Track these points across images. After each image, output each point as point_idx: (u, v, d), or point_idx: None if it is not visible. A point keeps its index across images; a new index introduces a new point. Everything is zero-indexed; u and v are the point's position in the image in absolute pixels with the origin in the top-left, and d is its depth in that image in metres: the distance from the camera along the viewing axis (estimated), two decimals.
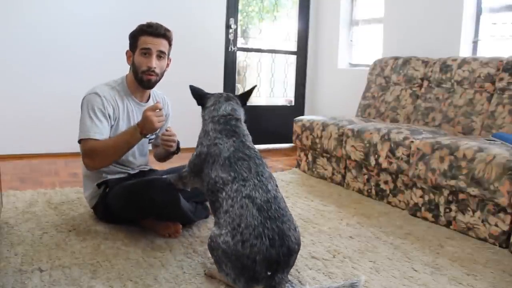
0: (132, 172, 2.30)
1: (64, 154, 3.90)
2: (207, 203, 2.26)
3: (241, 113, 1.97)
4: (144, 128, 2.03)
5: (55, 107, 3.89)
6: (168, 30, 2.20)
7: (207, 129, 1.88)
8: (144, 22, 2.20)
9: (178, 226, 2.13)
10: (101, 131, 2.09)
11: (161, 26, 2.18)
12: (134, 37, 2.18)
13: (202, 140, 1.87)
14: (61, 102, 3.87)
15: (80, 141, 2.10)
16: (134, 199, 2.04)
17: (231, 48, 4.64)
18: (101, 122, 2.10)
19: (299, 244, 1.63)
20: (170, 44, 2.23)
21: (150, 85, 2.20)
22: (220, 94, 2.01)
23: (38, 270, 1.72)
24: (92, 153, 2.06)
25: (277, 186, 1.74)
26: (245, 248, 1.51)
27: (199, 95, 2.02)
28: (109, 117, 2.14)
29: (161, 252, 1.94)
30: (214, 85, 4.56)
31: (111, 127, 2.16)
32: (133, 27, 2.21)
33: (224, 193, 1.66)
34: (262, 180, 1.68)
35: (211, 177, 1.74)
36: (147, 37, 2.14)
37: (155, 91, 2.39)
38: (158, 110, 2.02)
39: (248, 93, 2.05)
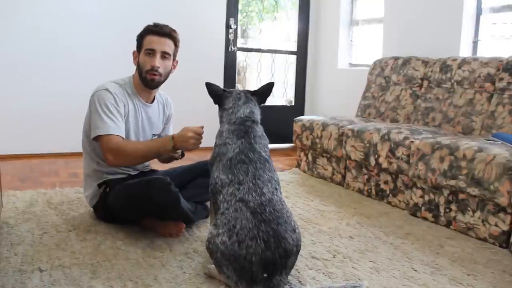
0: (133, 173, 2.30)
1: (64, 154, 3.91)
2: (207, 203, 2.26)
3: (258, 114, 1.94)
4: (178, 143, 2.05)
5: (55, 107, 3.89)
6: (174, 31, 2.20)
7: (222, 130, 1.87)
8: (145, 22, 2.20)
9: (180, 225, 2.12)
10: (121, 129, 2.09)
11: (167, 26, 2.18)
12: (141, 37, 2.18)
13: (216, 141, 1.87)
14: (61, 102, 3.87)
15: (98, 137, 2.07)
16: (134, 199, 2.04)
17: (231, 48, 4.64)
18: (117, 118, 2.10)
19: (298, 246, 1.62)
20: (176, 45, 2.22)
21: (153, 84, 2.20)
22: (239, 94, 1.94)
23: (38, 270, 1.72)
24: (118, 152, 2.04)
25: (276, 189, 1.70)
26: (242, 249, 1.51)
27: (216, 95, 1.97)
28: (122, 111, 2.14)
29: (161, 252, 1.94)
30: None
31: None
32: (134, 27, 2.21)
33: (221, 196, 1.66)
34: (258, 183, 1.66)
35: (213, 177, 1.75)
36: (152, 37, 2.15)
37: (160, 93, 2.38)
38: (198, 135, 2.03)
39: (267, 92, 1.98)
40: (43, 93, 3.86)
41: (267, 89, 1.99)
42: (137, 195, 2.03)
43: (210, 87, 1.98)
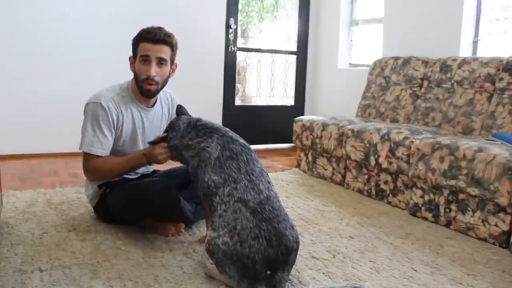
0: (133, 176, 2.29)
1: (64, 154, 3.90)
2: None
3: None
4: (151, 161, 2.08)
5: (55, 108, 3.89)
6: (169, 36, 2.11)
7: (186, 144, 1.84)
8: (144, 24, 2.16)
9: (180, 225, 2.13)
10: (104, 147, 2.11)
11: (161, 31, 2.10)
12: (136, 43, 2.13)
13: (190, 154, 1.83)
14: (61, 102, 3.87)
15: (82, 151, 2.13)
16: (134, 202, 2.04)
17: (231, 48, 4.64)
18: (105, 136, 2.10)
19: (297, 242, 1.63)
20: (172, 50, 2.14)
21: (150, 94, 2.15)
22: (169, 124, 2.00)
23: (38, 270, 1.72)
24: (95, 171, 2.13)
25: (269, 182, 1.71)
26: (244, 248, 1.52)
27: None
28: (114, 124, 2.13)
29: (161, 252, 1.94)
30: (214, 85, 4.57)
31: (116, 134, 2.15)
32: (133, 29, 2.18)
33: (217, 198, 1.65)
34: (253, 179, 1.66)
35: (204, 181, 1.72)
36: (146, 44, 2.07)
37: (164, 90, 2.31)
38: (166, 149, 2.02)
39: (183, 111, 2.05)
40: (43, 94, 3.86)
41: (179, 108, 2.08)
42: (137, 198, 2.03)
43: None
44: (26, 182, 3.07)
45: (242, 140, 1.80)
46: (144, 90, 2.12)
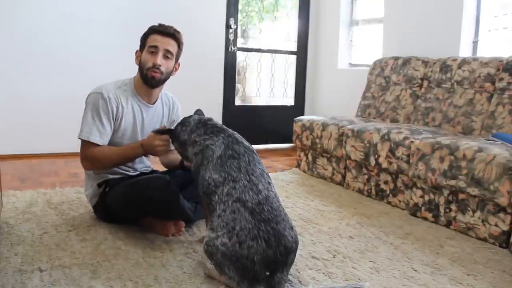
0: (133, 173, 2.30)
1: (64, 154, 3.90)
2: None
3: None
4: (148, 152, 2.14)
5: (55, 107, 3.89)
6: (178, 32, 2.21)
7: (193, 140, 1.86)
8: (144, 25, 2.22)
9: (180, 224, 2.13)
10: (102, 136, 2.13)
11: (171, 27, 2.21)
12: (145, 36, 2.20)
13: (194, 150, 1.84)
14: (61, 102, 3.87)
15: (80, 139, 2.15)
16: (134, 199, 2.04)
17: (231, 48, 4.64)
18: (104, 126, 2.12)
19: (296, 243, 1.63)
20: (179, 47, 2.23)
21: (153, 82, 2.18)
22: (181, 120, 2.01)
23: (38, 270, 1.72)
24: (92, 159, 2.15)
25: (269, 183, 1.71)
26: (243, 249, 1.52)
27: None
28: (113, 115, 2.15)
29: (161, 252, 1.94)
30: (214, 85, 4.57)
31: (115, 125, 2.17)
32: (132, 29, 2.22)
33: (216, 197, 1.65)
34: (252, 179, 1.65)
35: (205, 179, 1.72)
36: (156, 35, 2.16)
37: (166, 93, 2.38)
38: (164, 141, 2.07)
39: (200, 113, 2.07)
40: (43, 94, 3.86)
41: (197, 111, 2.09)
42: (137, 194, 2.03)
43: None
44: (26, 182, 3.08)
45: (247, 143, 1.82)
46: (148, 77, 2.17)
